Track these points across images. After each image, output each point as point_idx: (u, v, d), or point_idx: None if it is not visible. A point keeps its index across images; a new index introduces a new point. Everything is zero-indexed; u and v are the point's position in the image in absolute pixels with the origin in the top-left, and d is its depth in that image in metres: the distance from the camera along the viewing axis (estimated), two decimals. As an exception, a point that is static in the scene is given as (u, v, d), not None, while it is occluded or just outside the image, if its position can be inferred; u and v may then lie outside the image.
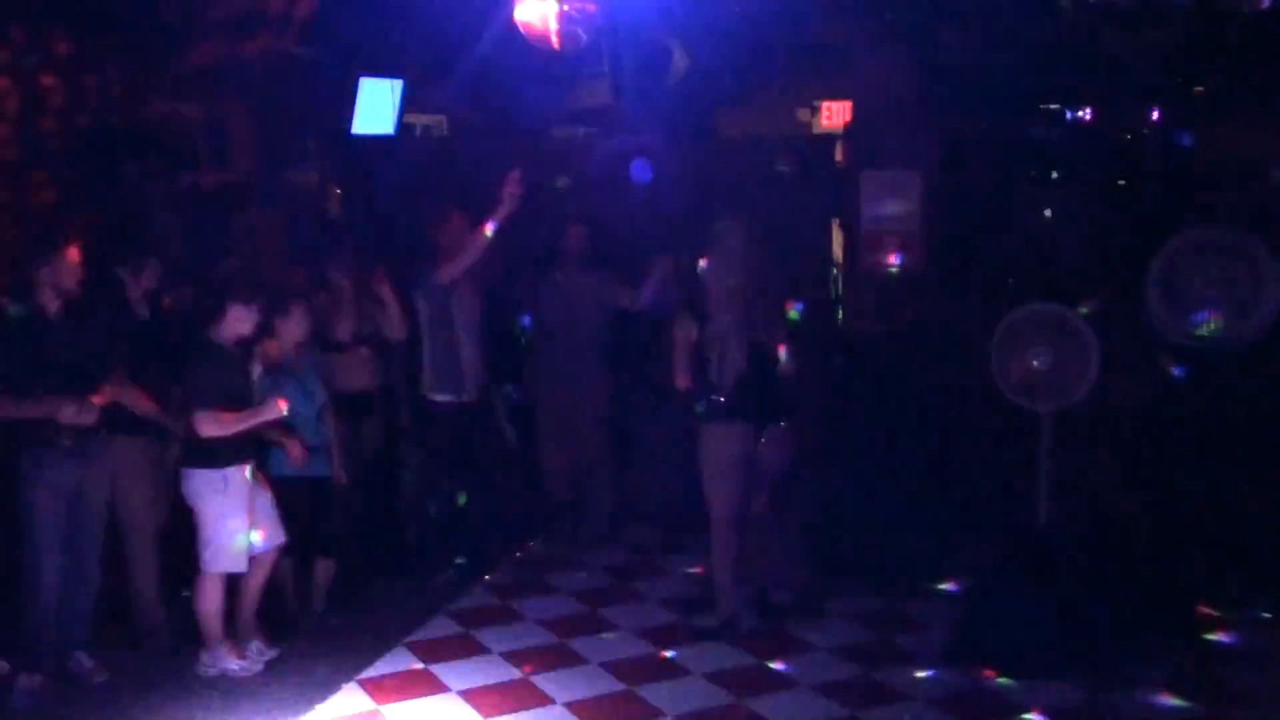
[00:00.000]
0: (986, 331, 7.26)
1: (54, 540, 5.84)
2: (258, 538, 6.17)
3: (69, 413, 5.73)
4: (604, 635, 6.74)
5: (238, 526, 6.07)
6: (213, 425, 5.95)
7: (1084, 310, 7.21)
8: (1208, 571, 6.98)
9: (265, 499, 6.24)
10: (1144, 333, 7.23)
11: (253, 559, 6.18)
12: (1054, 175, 8.78)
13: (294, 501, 6.41)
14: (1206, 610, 6.91)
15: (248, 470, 6.13)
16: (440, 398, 7.28)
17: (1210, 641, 6.60)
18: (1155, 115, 7.85)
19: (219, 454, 6.02)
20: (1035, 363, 7.14)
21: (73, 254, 5.84)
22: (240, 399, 6.08)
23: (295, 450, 6.35)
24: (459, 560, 7.50)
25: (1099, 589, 6.66)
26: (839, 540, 7.50)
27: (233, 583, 6.20)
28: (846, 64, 7.86)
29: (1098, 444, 7.60)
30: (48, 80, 6.49)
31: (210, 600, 6.11)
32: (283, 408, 6.06)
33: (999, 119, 7.98)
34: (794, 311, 6.93)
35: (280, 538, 6.31)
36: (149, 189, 7.19)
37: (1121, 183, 8.47)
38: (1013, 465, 7.73)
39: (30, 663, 5.90)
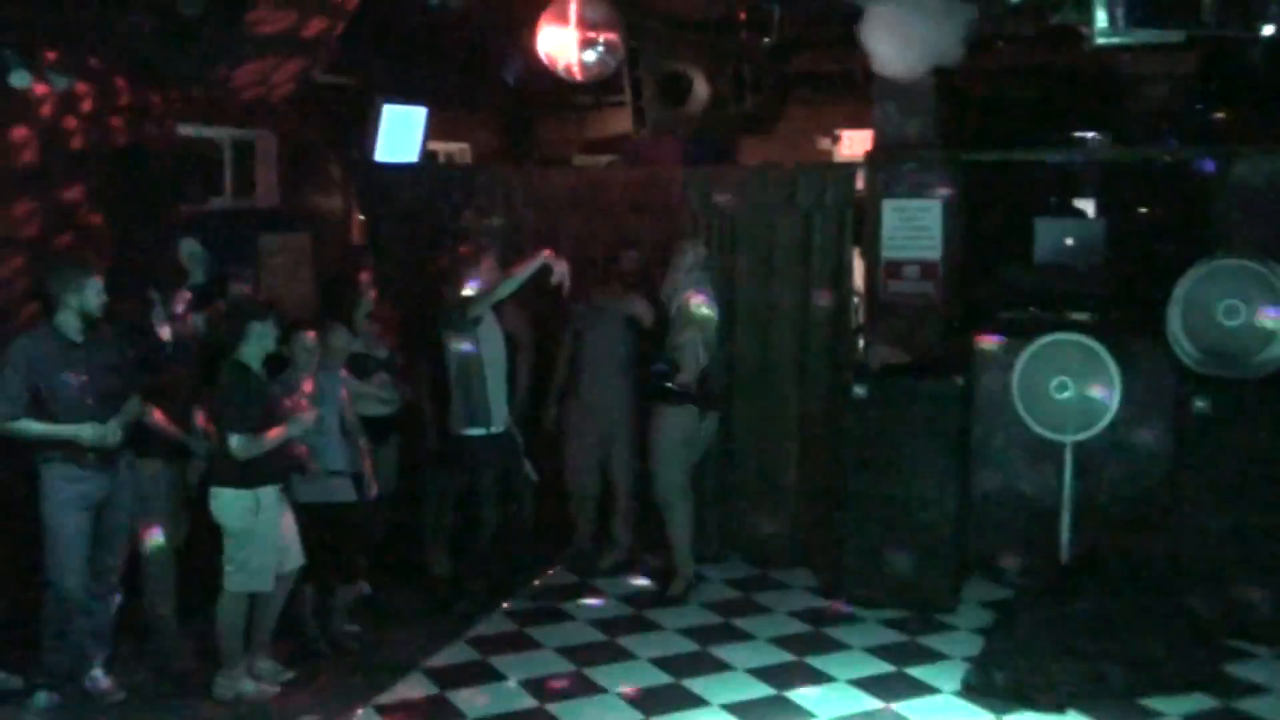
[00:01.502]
0: (1008, 361, 7.25)
1: (77, 556, 5.87)
2: (283, 559, 6.19)
3: (92, 436, 5.79)
4: (623, 663, 6.72)
5: (267, 547, 6.08)
6: (248, 446, 5.98)
7: (1105, 339, 7.19)
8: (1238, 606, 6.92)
9: (289, 521, 6.26)
10: (1166, 361, 7.21)
11: (277, 578, 6.19)
12: (1074, 203, 8.78)
13: (315, 526, 6.42)
14: (1236, 644, 6.84)
15: (278, 491, 6.16)
16: (470, 432, 7.27)
17: (1237, 678, 6.52)
18: (1174, 142, 7.83)
19: (252, 475, 6.04)
20: (1057, 393, 7.13)
21: (98, 279, 5.89)
22: (268, 418, 6.10)
23: (312, 465, 6.37)
24: (478, 587, 7.48)
25: (1123, 624, 6.62)
26: (859, 569, 7.47)
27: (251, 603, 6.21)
28: (867, 93, 7.86)
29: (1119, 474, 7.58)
30: (79, 103, 6.56)
31: (233, 619, 6.11)
32: (310, 418, 6.10)
33: (1019, 147, 7.97)
34: None
35: (300, 560, 6.31)
36: (175, 213, 7.24)
37: (1142, 210, 8.47)
38: (1036, 495, 7.71)
39: (47, 679, 5.92)
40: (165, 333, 6.43)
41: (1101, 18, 5.67)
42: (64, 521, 5.84)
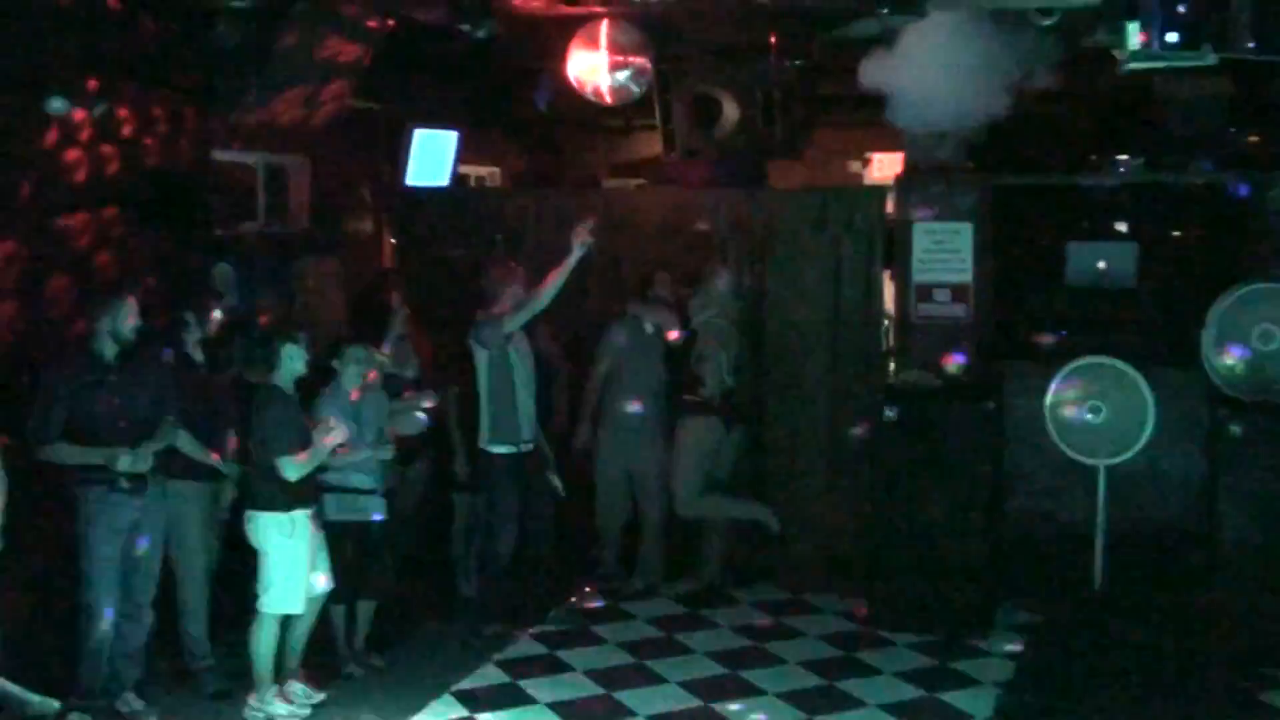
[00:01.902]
0: (1040, 384, 7.22)
1: (110, 579, 5.90)
2: (316, 581, 6.21)
3: (125, 460, 5.83)
4: (653, 687, 6.71)
5: (301, 569, 6.10)
6: (295, 467, 6.01)
7: (1139, 363, 7.15)
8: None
9: (320, 543, 6.28)
10: (1199, 385, 7.16)
11: (309, 601, 6.21)
12: (1107, 226, 8.73)
13: (345, 545, 6.43)
14: (1274, 671, 6.77)
15: (311, 514, 6.18)
16: (498, 450, 7.28)
17: (1274, 706, 6.45)
18: (1208, 166, 7.79)
19: (287, 497, 6.07)
20: (1090, 417, 7.09)
21: (132, 304, 5.94)
22: (305, 438, 6.13)
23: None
24: (507, 610, 7.48)
25: (1157, 650, 6.57)
26: (889, 593, 7.43)
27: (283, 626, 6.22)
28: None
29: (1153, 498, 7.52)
30: (116, 128, 6.64)
31: (265, 641, 6.13)
32: (342, 429, 6.15)
33: (1051, 170, 7.95)
34: None
35: (330, 583, 6.33)
36: (210, 237, 7.30)
37: (1176, 233, 8.41)
38: (1068, 521, 7.66)
39: (81, 701, 5.95)
40: (199, 355, 6.48)
41: (1134, 41, 5.64)
42: (97, 544, 5.88)
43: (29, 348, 5.99)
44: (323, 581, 6.25)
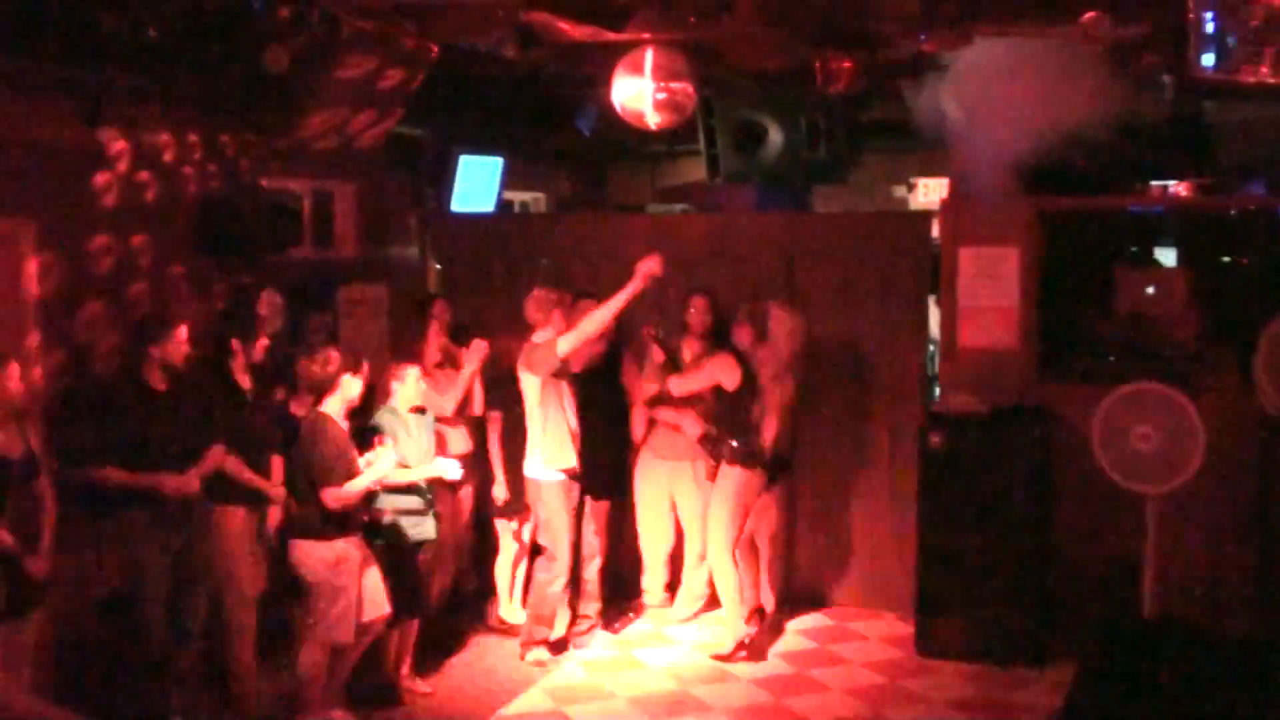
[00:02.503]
0: (1087, 411, 7.14)
1: (158, 603, 5.94)
2: (365, 609, 6.22)
3: (173, 485, 5.87)
4: (697, 714, 6.67)
5: (348, 598, 6.11)
6: (341, 498, 6.03)
7: (1189, 389, 7.06)
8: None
9: (371, 569, 6.29)
10: (1252, 412, 7.07)
11: (357, 629, 6.22)
12: (1156, 251, 8.65)
13: (394, 564, 6.44)
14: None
15: (357, 542, 6.19)
16: (549, 476, 7.27)
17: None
18: (1261, 189, 7.70)
19: (332, 527, 6.09)
20: (1139, 444, 7.00)
21: (182, 333, 6.00)
22: (351, 469, 6.15)
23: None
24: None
25: (1209, 679, 6.46)
26: (937, 620, 7.37)
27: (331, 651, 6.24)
28: (943, 140, 7.82)
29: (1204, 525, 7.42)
30: (165, 154, 6.73)
31: (313, 668, 6.15)
32: (391, 453, 6.15)
33: (1099, 194, 7.88)
34: None
35: (385, 609, 6.33)
36: (257, 263, 7.36)
37: (1226, 259, 8.33)
38: (1117, 549, 7.57)
39: (130, 726, 5.99)
40: (246, 382, 6.53)
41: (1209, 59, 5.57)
42: (145, 569, 5.92)
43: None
44: (376, 608, 6.26)
